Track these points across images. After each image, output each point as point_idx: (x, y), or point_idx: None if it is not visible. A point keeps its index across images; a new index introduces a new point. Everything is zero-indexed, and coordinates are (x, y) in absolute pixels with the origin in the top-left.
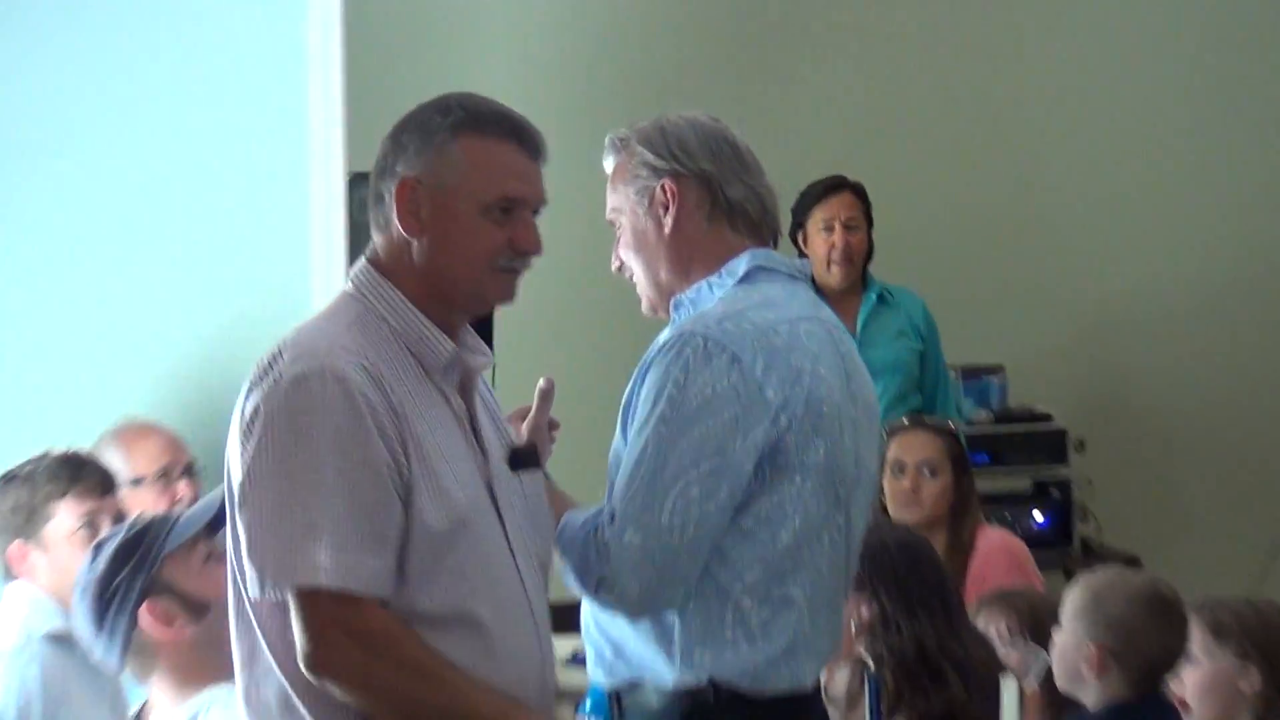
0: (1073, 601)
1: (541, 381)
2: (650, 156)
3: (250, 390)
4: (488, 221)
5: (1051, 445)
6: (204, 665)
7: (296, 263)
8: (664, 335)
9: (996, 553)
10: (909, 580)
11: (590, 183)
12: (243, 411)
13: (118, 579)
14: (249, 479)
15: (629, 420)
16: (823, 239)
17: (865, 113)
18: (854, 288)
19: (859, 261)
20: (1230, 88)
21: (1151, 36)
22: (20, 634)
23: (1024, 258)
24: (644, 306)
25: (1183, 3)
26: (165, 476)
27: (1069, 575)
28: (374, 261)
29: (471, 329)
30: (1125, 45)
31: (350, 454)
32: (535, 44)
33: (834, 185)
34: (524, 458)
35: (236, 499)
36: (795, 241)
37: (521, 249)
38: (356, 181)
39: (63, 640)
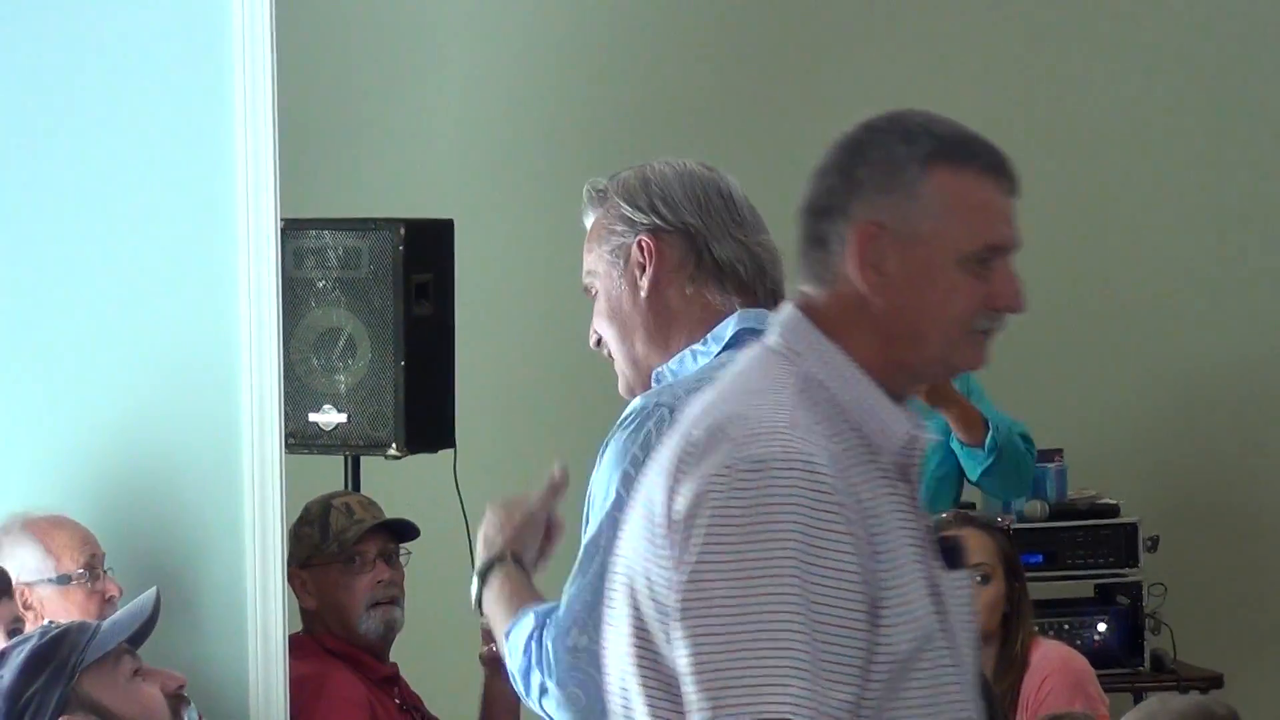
0: None
1: (555, 468)
2: (628, 209)
3: (679, 474)
4: (967, 275)
5: (1118, 543)
6: None
7: (222, 326)
8: (631, 407)
9: (1054, 671)
10: None
11: (566, 230)
12: (670, 504)
13: (30, 691)
14: (695, 586)
15: (589, 511)
16: None
17: None
18: None
19: None
20: None
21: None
22: None
23: (1087, 323)
24: (620, 387)
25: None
26: (91, 572)
27: (1138, 697)
28: (811, 314)
29: None
30: (1215, 85)
31: (817, 561)
32: (496, 73)
33: None
34: (955, 553)
35: (678, 609)
36: None
37: (1005, 304)
38: (291, 230)
39: None
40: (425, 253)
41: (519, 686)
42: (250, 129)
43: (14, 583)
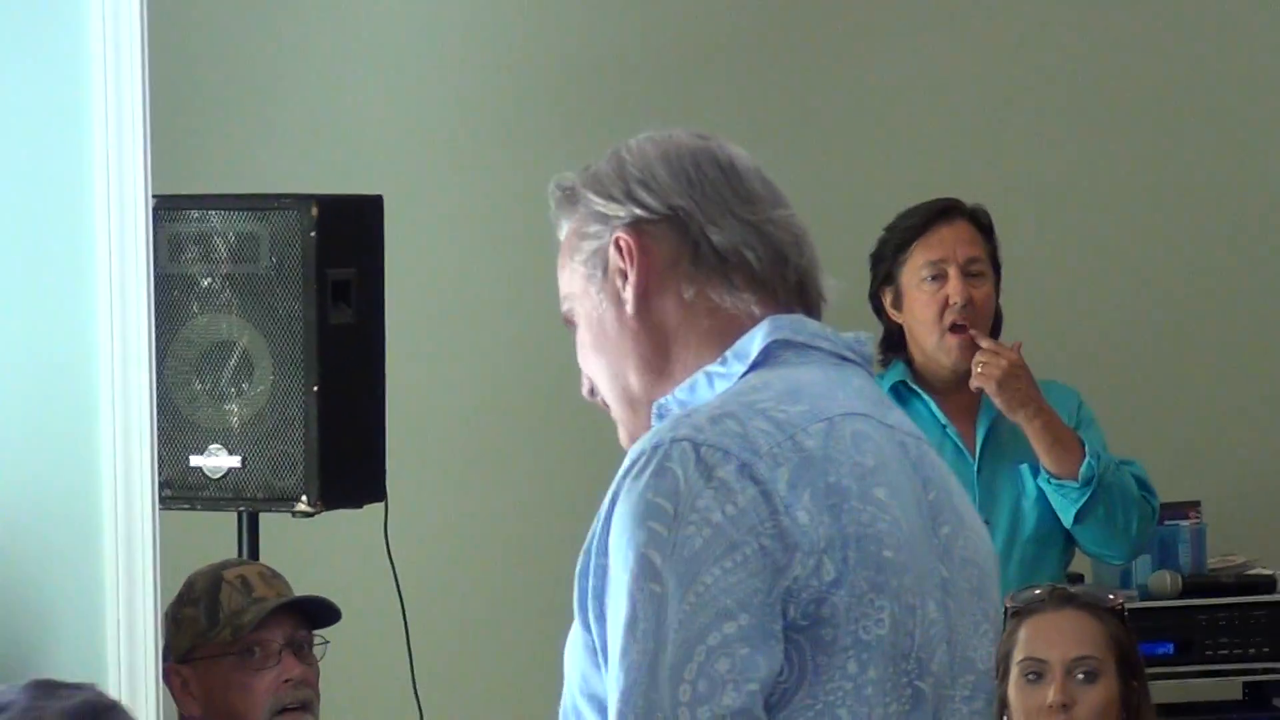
0: None
1: None
2: (600, 203)
3: None
4: None
5: (1276, 628)
6: None
7: (76, 340)
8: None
9: None
10: None
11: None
12: None
13: None
14: None
15: (587, 595)
16: (928, 294)
17: (985, 117)
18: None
19: (985, 326)
20: None
21: None
22: None
23: (1227, 349)
24: (621, 436)
25: None
26: None
27: None
28: None
29: None
30: None
31: None
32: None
33: (943, 210)
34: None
35: None
36: (879, 305)
37: None
38: (165, 210)
39: None
40: (346, 241)
41: None
42: (113, 79)
43: None
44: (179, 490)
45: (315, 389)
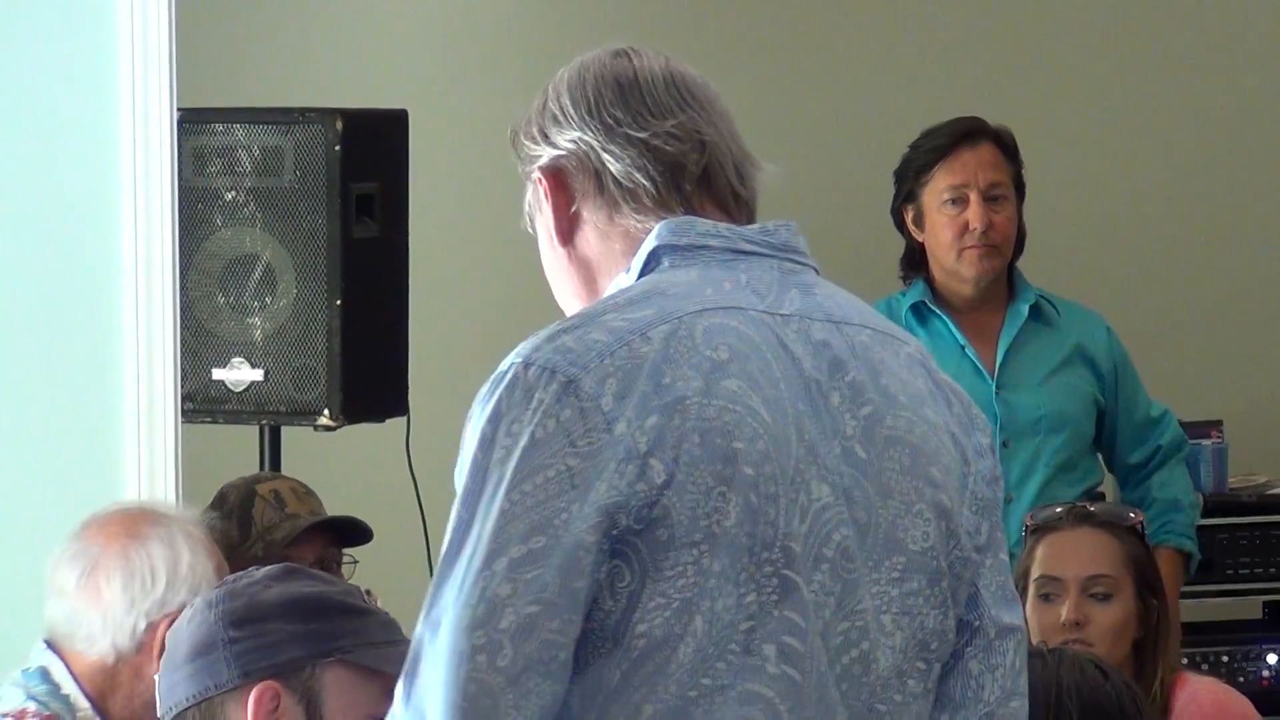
0: None
1: None
2: (526, 145)
3: None
4: None
5: None
6: None
7: (100, 252)
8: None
9: (1205, 715)
10: None
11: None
12: None
13: (269, 623)
14: None
15: None
16: (948, 217)
17: (1007, 34)
18: (996, 293)
19: (1007, 250)
20: None
21: None
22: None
23: (1251, 266)
24: None
25: None
26: None
27: None
28: None
29: None
30: None
31: None
32: None
33: (967, 133)
34: None
35: None
36: (901, 223)
37: None
38: (190, 123)
39: None
40: (370, 155)
41: None
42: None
43: None
44: (201, 403)
45: (338, 303)
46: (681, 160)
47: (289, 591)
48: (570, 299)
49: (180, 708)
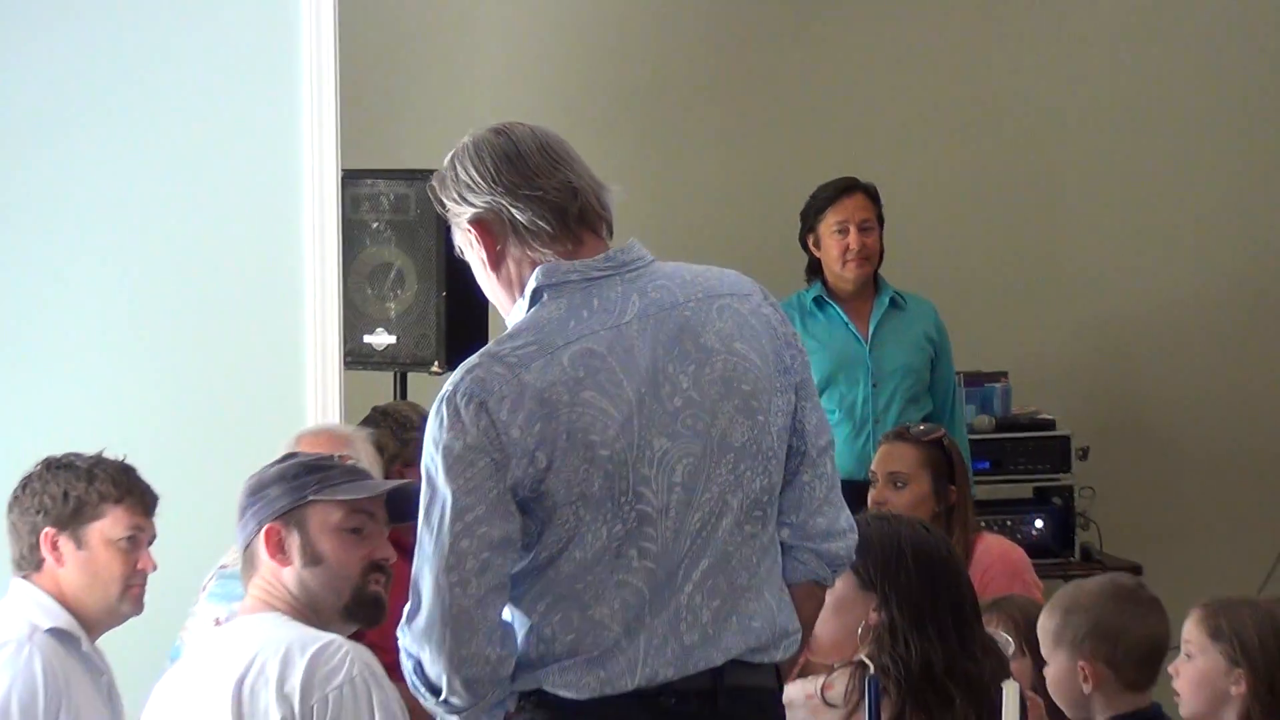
0: (1044, 631)
1: None
2: (448, 203)
3: None
4: None
5: (1054, 453)
6: (291, 608)
7: (290, 261)
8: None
9: (994, 560)
10: (922, 593)
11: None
12: None
13: (268, 489)
14: None
15: None
16: (836, 240)
17: (873, 115)
18: (867, 290)
19: (874, 262)
20: (1242, 99)
21: (1164, 43)
22: (23, 626)
23: (1029, 264)
24: None
25: (1192, 5)
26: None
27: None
28: None
29: None
30: (1136, 53)
31: None
32: (531, 38)
33: (847, 187)
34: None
35: None
36: (806, 245)
37: None
38: (350, 179)
39: (64, 636)
40: None
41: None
42: (316, 92)
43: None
44: (356, 357)
45: (443, 293)
46: (565, 205)
47: (278, 466)
48: (503, 302)
49: (239, 550)
